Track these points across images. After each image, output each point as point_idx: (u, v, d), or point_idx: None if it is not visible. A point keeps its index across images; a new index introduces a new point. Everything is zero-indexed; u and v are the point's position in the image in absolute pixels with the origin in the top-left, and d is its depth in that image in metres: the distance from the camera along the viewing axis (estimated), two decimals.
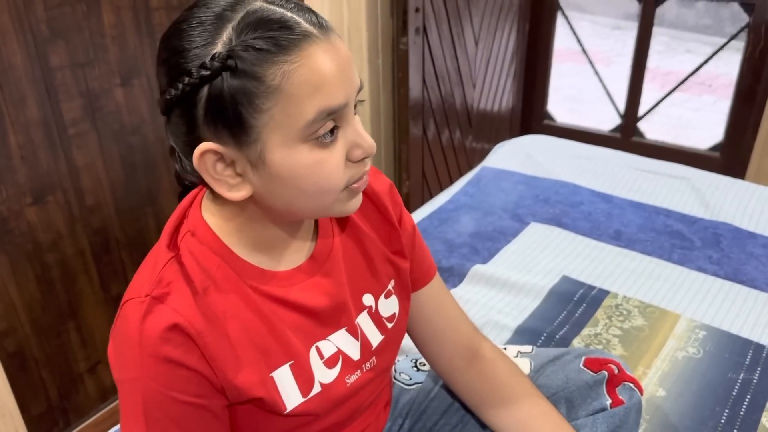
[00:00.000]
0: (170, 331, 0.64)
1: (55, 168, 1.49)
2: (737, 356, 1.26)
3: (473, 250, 1.62)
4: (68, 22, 1.43)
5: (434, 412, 0.99)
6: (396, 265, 0.86)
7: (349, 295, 0.80)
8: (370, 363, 0.81)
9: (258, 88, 0.61)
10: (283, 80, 0.61)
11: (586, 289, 1.46)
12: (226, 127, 0.63)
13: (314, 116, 0.62)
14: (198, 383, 0.67)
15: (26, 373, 1.55)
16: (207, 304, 0.68)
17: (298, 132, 0.63)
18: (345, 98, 0.64)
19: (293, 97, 0.62)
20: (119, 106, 1.59)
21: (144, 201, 1.71)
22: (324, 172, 0.65)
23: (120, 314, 0.68)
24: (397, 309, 0.86)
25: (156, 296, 0.65)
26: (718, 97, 4.25)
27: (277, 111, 0.62)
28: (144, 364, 0.64)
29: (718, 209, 1.76)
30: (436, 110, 2.48)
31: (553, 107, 3.19)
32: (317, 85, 0.62)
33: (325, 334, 0.77)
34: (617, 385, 0.90)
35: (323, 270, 0.77)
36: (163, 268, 0.67)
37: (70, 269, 1.58)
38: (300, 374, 0.74)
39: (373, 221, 0.85)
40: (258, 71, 0.61)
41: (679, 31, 5.31)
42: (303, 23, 0.63)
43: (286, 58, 0.61)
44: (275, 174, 0.65)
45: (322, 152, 0.65)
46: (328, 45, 0.63)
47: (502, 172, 1.98)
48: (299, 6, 0.65)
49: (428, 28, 2.28)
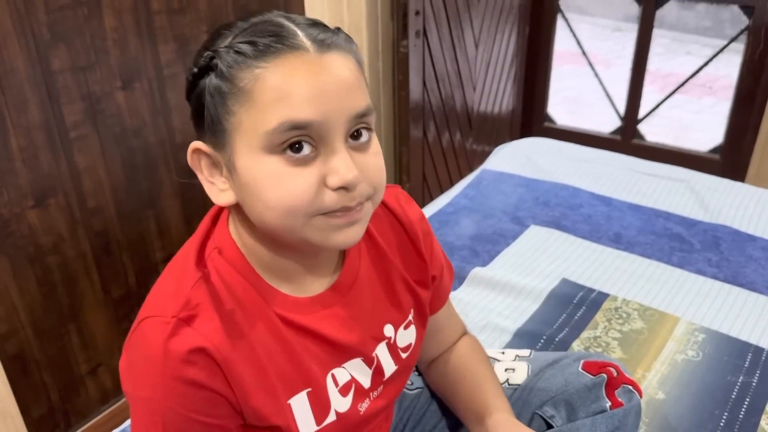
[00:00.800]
0: (195, 354, 0.64)
1: (57, 171, 1.50)
2: (736, 359, 1.26)
3: (473, 252, 1.63)
4: (69, 25, 1.44)
5: (433, 415, 1.00)
6: (416, 294, 0.85)
7: (370, 325, 0.79)
8: (378, 391, 0.81)
9: (230, 90, 0.62)
10: (254, 85, 0.61)
11: (585, 291, 1.46)
12: (207, 127, 0.65)
13: (275, 126, 0.61)
14: (219, 405, 0.67)
15: (27, 376, 1.55)
16: (233, 329, 0.67)
17: (261, 140, 0.62)
18: (317, 116, 0.61)
19: (260, 103, 0.61)
20: (120, 109, 1.59)
21: (145, 204, 1.71)
22: (286, 188, 0.62)
23: (139, 330, 0.66)
24: (413, 339, 0.85)
25: (183, 318, 0.64)
26: (718, 100, 4.25)
27: (245, 116, 0.62)
28: (165, 384, 0.64)
29: (717, 212, 1.77)
30: (437, 112, 2.48)
31: (553, 109, 3.19)
32: (284, 95, 0.61)
33: (340, 362, 0.76)
34: (616, 388, 0.91)
35: (345, 300, 0.75)
36: (191, 289, 0.66)
37: (71, 272, 1.59)
38: (316, 402, 0.73)
39: (401, 249, 0.83)
40: (233, 73, 0.62)
41: (680, 33, 5.31)
42: (299, 36, 0.62)
43: (260, 64, 0.61)
44: (243, 182, 0.65)
45: (290, 168, 0.62)
46: (316, 61, 0.62)
47: (502, 175, 1.99)
48: (313, 23, 0.65)
49: (428, 30, 2.29)
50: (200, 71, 0.64)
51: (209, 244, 0.71)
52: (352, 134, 0.65)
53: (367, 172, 0.65)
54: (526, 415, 0.95)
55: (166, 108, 1.70)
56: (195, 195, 1.84)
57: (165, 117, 1.70)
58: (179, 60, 1.69)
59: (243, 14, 0.67)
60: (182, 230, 1.83)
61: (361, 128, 0.65)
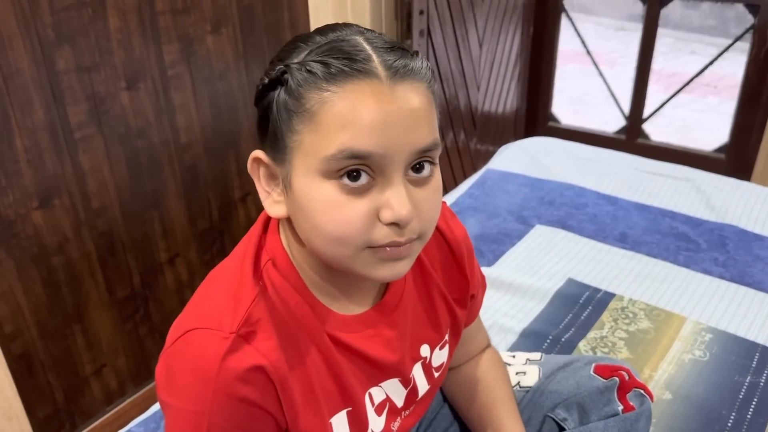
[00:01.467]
0: (252, 372, 0.63)
1: (61, 171, 1.50)
2: (744, 359, 1.26)
3: (478, 252, 1.62)
4: (74, 26, 1.44)
5: (444, 419, 1.00)
6: (454, 313, 0.84)
7: (410, 346, 0.78)
8: (409, 410, 0.81)
9: (297, 108, 0.61)
10: (320, 108, 0.60)
11: (591, 291, 1.46)
12: (270, 139, 0.65)
13: (334, 152, 0.59)
14: (266, 423, 0.66)
15: (32, 376, 1.56)
16: (289, 347, 0.67)
17: (319, 164, 0.61)
18: (378, 148, 0.60)
19: (323, 127, 0.60)
20: (125, 109, 1.59)
21: (150, 204, 1.71)
22: (339, 216, 0.61)
23: (188, 341, 0.65)
24: (446, 358, 0.85)
25: (243, 335, 0.63)
26: (724, 99, 4.24)
27: (307, 137, 0.61)
28: (215, 400, 0.63)
29: (723, 211, 1.76)
30: (441, 112, 2.47)
31: (557, 109, 3.18)
32: (348, 122, 0.59)
33: (378, 381, 0.76)
34: (628, 392, 0.90)
35: (389, 320, 0.75)
36: (252, 304, 0.65)
37: (76, 272, 1.59)
38: (355, 421, 0.73)
39: (444, 266, 0.82)
40: (301, 92, 0.61)
41: (684, 33, 5.30)
42: (373, 62, 0.61)
43: (329, 87, 0.60)
44: (297, 201, 0.64)
45: (345, 196, 0.61)
46: (386, 91, 0.60)
47: (507, 174, 1.98)
48: (392, 47, 0.63)
49: (432, 30, 2.28)
50: (270, 83, 0.63)
51: (263, 255, 0.70)
52: (413, 167, 0.63)
53: (421, 208, 0.64)
54: (537, 417, 0.94)
55: (171, 108, 1.70)
56: (199, 195, 1.84)
57: (169, 117, 1.70)
58: (183, 60, 1.69)
59: (322, 27, 0.66)
60: (187, 231, 1.83)
61: (424, 161, 0.64)
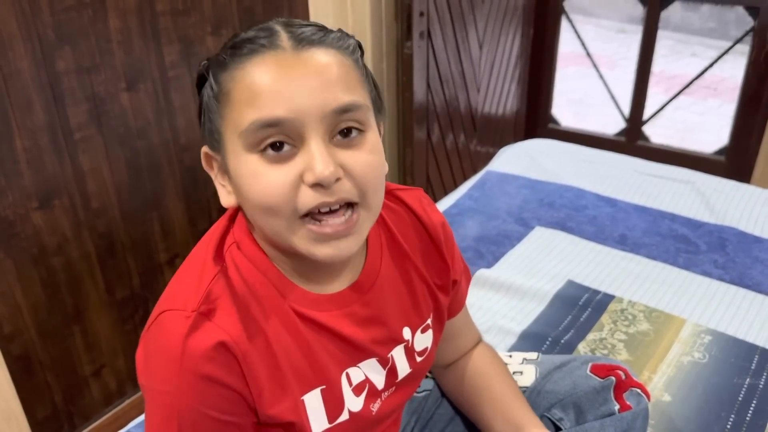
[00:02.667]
0: (215, 350, 0.64)
1: (61, 172, 1.50)
2: (743, 361, 1.26)
3: (478, 254, 1.62)
4: (74, 26, 1.44)
5: (440, 419, 0.99)
6: (437, 298, 0.84)
7: (389, 326, 0.78)
8: (389, 392, 0.81)
9: (217, 94, 0.65)
10: (232, 87, 0.63)
11: (591, 293, 1.46)
12: (207, 132, 0.68)
13: (247, 125, 0.61)
14: (234, 402, 0.67)
15: (31, 377, 1.55)
16: (250, 323, 0.67)
17: (240, 140, 0.63)
18: (286, 113, 0.60)
19: (236, 103, 0.63)
20: (125, 110, 1.59)
21: (149, 205, 1.71)
22: (263, 185, 0.62)
23: (157, 323, 0.66)
24: (430, 343, 0.85)
25: (203, 312, 0.64)
26: (724, 101, 4.24)
27: (228, 117, 0.64)
28: (182, 379, 0.63)
29: (723, 213, 1.76)
30: (441, 114, 2.48)
31: (557, 111, 3.18)
32: (255, 94, 0.61)
33: (356, 361, 0.76)
34: (625, 391, 0.90)
35: (364, 299, 0.75)
36: (211, 283, 0.66)
37: (75, 273, 1.59)
38: (330, 400, 0.73)
39: (424, 252, 0.83)
40: (218, 78, 0.65)
41: (684, 35, 5.30)
42: (280, 36, 0.63)
43: (238, 66, 0.63)
44: (234, 183, 0.66)
45: (268, 166, 0.62)
46: (289, 58, 0.62)
47: (507, 176, 1.98)
48: (309, 25, 0.65)
49: (433, 32, 2.28)
50: (198, 81, 0.68)
51: (228, 239, 0.71)
52: (342, 131, 0.63)
53: (353, 169, 0.63)
54: None
55: (171, 109, 1.70)
56: (199, 196, 1.84)
57: (169, 118, 1.70)
58: (184, 61, 1.69)
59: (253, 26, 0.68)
60: (186, 231, 1.83)
61: (352, 126, 0.64)
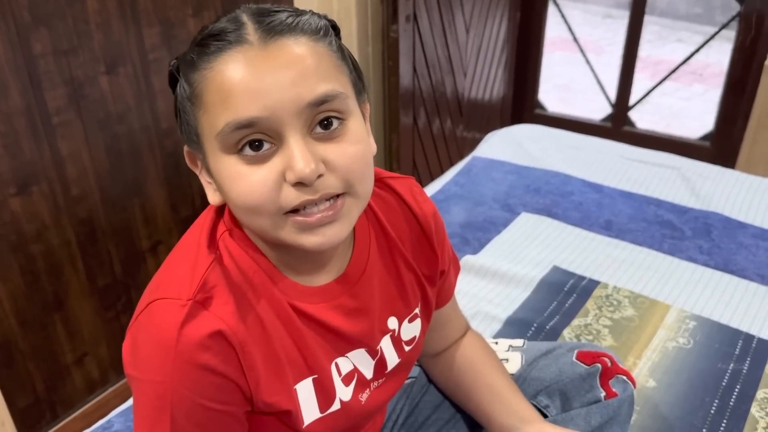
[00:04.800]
0: (212, 339, 0.62)
1: (39, 157, 1.47)
2: (727, 346, 1.26)
3: (464, 240, 1.61)
4: (51, 8, 1.40)
5: (426, 406, 0.99)
6: (424, 289, 0.84)
7: (377, 317, 0.77)
8: (379, 382, 0.80)
9: (190, 95, 0.62)
10: (203, 88, 0.61)
11: (576, 279, 1.45)
12: (185, 133, 0.66)
13: (221, 127, 0.59)
14: (229, 392, 0.66)
15: (12, 366, 1.53)
16: (247, 312, 0.66)
17: (216, 142, 0.61)
18: (260, 112, 0.58)
19: (209, 105, 0.61)
20: (104, 94, 1.56)
21: (130, 191, 1.69)
22: (244, 186, 0.61)
23: (149, 312, 0.65)
24: (418, 333, 0.84)
25: (199, 301, 0.63)
26: (709, 87, 4.25)
27: (203, 120, 0.62)
28: (177, 369, 0.62)
29: (708, 199, 1.76)
30: (427, 99, 2.46)
31: (544, 96, 3.17)
32: (226, 95, 0.59)
33: (344, 351, 0.75)
34: (610, 378, 0.90)
35: (352, 291, 0.74)
36: (207, 271, 0.65)
37: (55, 260, 1.56)
38: (321, 390, 0.72)
39: (414, 242, 0.82)
40: (188, 78, 0.62)
41: (671, 20, 5.30)
42: (246, 29, 0.60)
43: (206, 66, 0.61)
44: (218, 185, 0.65)
45: (247, 167, 0.61)
46: (258, 53, 0.59)
47: (493, 162, 1.97)
48: (278, 11, 0.62)
49: (419, 15, 2.26)
50: (170, 82, 0.65)
51: (220, 227, 0.69)
52: (321, 123, 0.61)
53: (336, 162, 0.61)
54: None
55: (151, 93, 1.67)
56: (181, 182, 1.81)
57: (150, 102, 1.67)
58: (164, 44, 1.66)
59: (219, 15, 0.66)
60: (168, 218, 1.81)
61: (331, 117, 0.61)
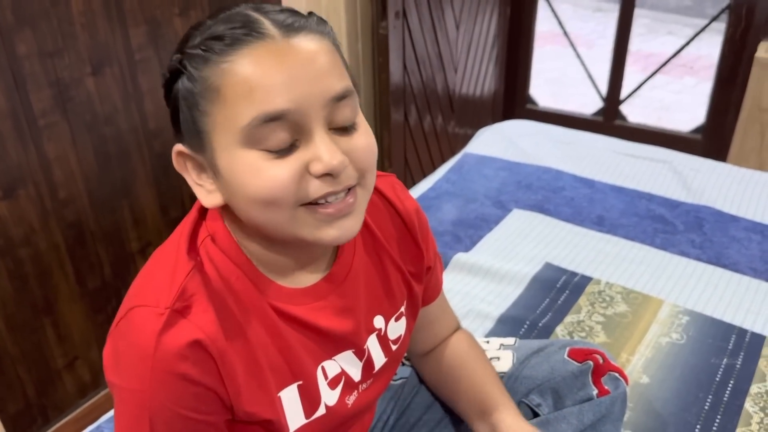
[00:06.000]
0: (190, 348, 0.61)
1: (26, 160, 1.45)
2: (720, 341, 1.26)
3: (456, 238, 1.61)
4: (35, 8, 1.39)
5: (417, 407, 0.98)
6: (410, 286, 0.83)
7: (364, 316, 0.76)
8: (367, 384, 0.79)
9: (201, 89, 0.60)
10: (221, 81, 0.59)
11: (568, 275, 1.45)
12: (185, 130, 0.64)
13: (249, 120, 0.59)
14: (209, 401, 0.65)
15: (2, 372, 1.51)
16: (228, 321, 0.65)
17: (238, 136, 0.60)
18: (290, 104, 0.59)
19: (230, 98, 0.59)
20: (91, 95, 1.54)
21: (119, 193, 1.67)
22: (266, 177, 0.60)
23: (128, 320, 0.63)
24: (403, 331, 0.83)
25: (178, 309, 0.62)
26: (700, 79, 4.25)
27: (218, 114, 0.60)
28: (155, 378, 0.61)
29: (700, 193, 1.76)
30: (418, 95, 2.45)
31: (535, 91, 3.17)
32: (254, 87, 0.58)
33: (332, 354, 0.74)
34: (603, 375, 0.90)
35: (339, 291, 0.73)
36: (186, 278, 0.63)
37: (44, 264, 1.54)
38: (306, 395, 0.72)
39: (398, 239, 0.81)
40: (200, 73, 0.60)
41: (661, 13, 5.30)
42: (264, 24, 0.60)
43: (225, 59, 0.59)
44: (226, 182, 0.63)
45: (269, 161, 0.60)
46: (283, 47, 0.59)
47: (485, 159, 1.97)
48: (282, 9, 0.63)
49: (408, 11, 2.24)
50: (172, 75, 0.63)
51: (201, 232, 0.68)
52: (339, 118, 0.62)
53: (353, 155, 0.63)
54: None
55: (139, 93, 1.65)
56: (171, 183, 1.79)
57: (137, 103, 1.65)
58: (151, 44, 1.64)
59: (214, 12, 0.66)
60: (158, 220, 1.79)
61: (347, 113, 0.63)
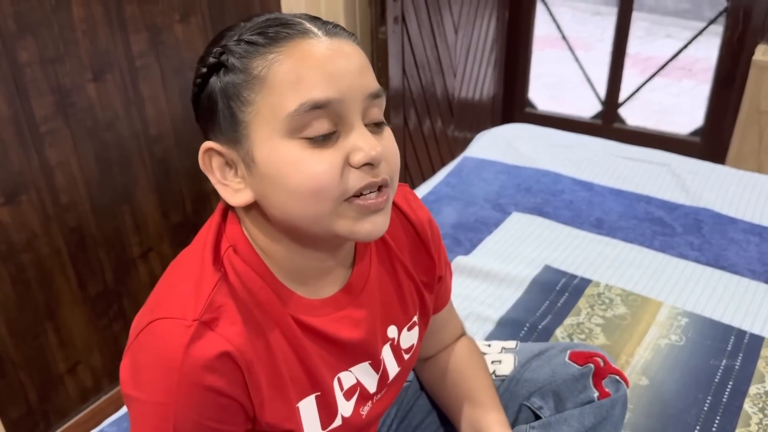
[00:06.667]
0: (219, 360, 0.61)
1: (28, 167, 1.46)
2: (719, 342, 1.26)
3: (455, 241, 1.61)
4: (36, 16, 1.40)
5: (420, 410, 0.99)
6: (422, 296, 0.83)
7: (379, 327, 0.77)
8: (381, 394, 0.80)
9: (245, 79, 0.62)
10: (267, 71, 0.61)
11: (568, 278, 1.46)
12: (221, 124, 0.64)
13: (296, 107, 0.60)
14: (234, 412, 0.65)
15: (4, 376, 1.52)
16: (254, 332, 0.65)
17: (282, 124, 0.61)
18: (335, 94, 0.61)
19: (277, 86, 0.61)
20: (92, 101, 1.55)
21: (120, 198, 1.68)
22: (311, 169, 0.61)
23: (151, 332, 0.63)
24: (416, 340, 0.84)
25: (206, 321, 0.62)
26: (698, 82, 4.26)
27: (262, 103, 0.62)
28: (181, 391, 0.61)
29: (698, 195, 1.77)
30: (417, 100, 2.46)
31: (534, 95, 3.18)
32: (301, 76, 0.61)
33: (348, 365, 0.75)
34: (603, 378, 0.90)
35: (357, 302, 0.73)
36: (213, 290, 0.63)
37: (46, 269, 1.55)
38: (324, 406, 0.72)
39: (411, 249, 0.82)
40: (246, 63, 0.62)
41: (659, 16, 5.32)
42: (306, 24, 0.64)
43: (272, 50, 0.62)
44: (264, 173, 0.63)
45: (312, 150, 0.61)
46: (326, 43, 0.63)
47: (484, 162, 1.97)
48: (318, 19, 0.66)
49: (407, 16, 2.26)
50: (210, 69, 0.64)
51: (224, 242, 0.68)
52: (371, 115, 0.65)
53: (386, 153, 0.65)
54: (513, 406, 0.94)
55: (140, 99, 1.66)
56: (172, 188, 1.80)
57: (138, 109, 1.66)
58: (152, 50, 1.65)
59: (246, 17, 0.68)
60: (159, 224, 1.80)
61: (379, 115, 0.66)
